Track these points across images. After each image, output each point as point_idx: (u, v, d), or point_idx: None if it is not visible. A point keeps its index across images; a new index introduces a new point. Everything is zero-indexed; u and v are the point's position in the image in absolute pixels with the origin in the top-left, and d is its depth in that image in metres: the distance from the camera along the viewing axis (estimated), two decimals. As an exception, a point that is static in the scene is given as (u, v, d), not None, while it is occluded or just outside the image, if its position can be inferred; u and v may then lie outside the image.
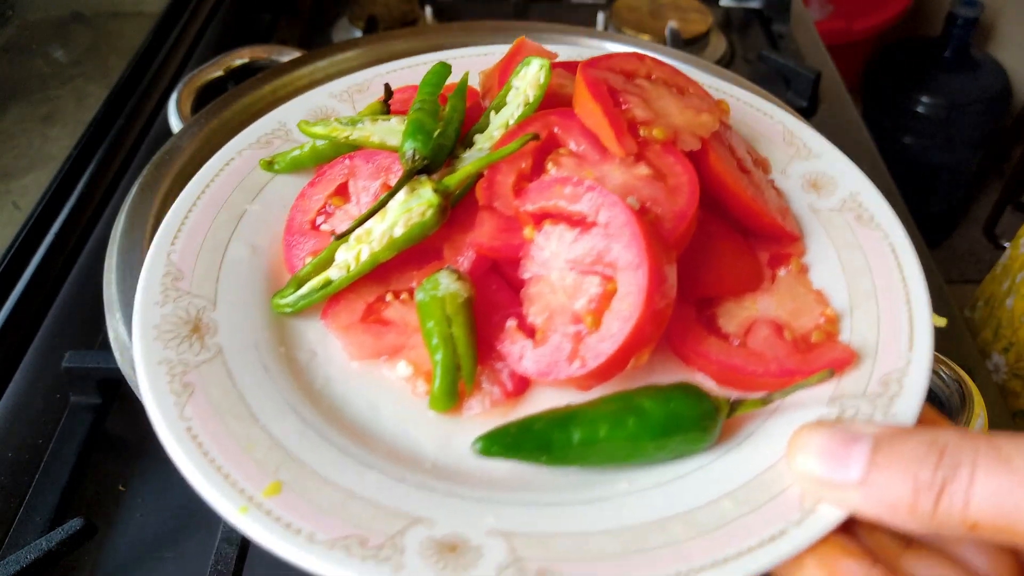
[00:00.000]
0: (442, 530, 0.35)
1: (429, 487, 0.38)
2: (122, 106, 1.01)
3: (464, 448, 0.39)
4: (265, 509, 0.36)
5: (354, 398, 0.43)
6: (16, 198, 0.90)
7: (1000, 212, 2.14)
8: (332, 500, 0.37)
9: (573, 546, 0.34)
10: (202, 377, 0.41)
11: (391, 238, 0.45)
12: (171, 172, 0.65)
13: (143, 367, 0.41)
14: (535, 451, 0.38)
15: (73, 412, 0.69)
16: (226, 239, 0.48)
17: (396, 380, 0.44)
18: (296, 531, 0.35)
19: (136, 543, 0.62)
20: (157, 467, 0.67)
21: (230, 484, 0.37)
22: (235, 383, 0.41)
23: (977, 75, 2.08)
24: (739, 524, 0.34)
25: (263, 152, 0.54)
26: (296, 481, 0.37)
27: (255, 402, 0.41)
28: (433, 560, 0.34)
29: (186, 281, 0.45)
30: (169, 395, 0.40)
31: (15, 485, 0.65)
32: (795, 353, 0.44)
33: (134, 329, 0.43)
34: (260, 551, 0.36)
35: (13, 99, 0.99)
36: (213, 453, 0.38)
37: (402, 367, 0.44)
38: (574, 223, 0.43)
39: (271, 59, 0.82)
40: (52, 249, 0.84)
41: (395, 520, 0.36)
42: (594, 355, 0.40)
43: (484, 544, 0.35)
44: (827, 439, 0.33)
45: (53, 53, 1.06)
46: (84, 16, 1.13)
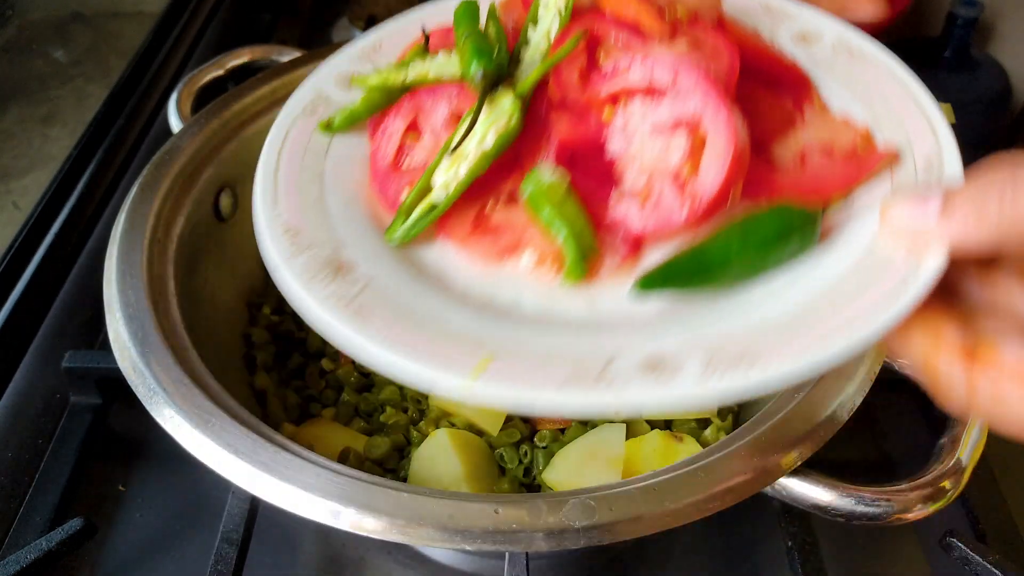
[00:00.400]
0: (639, 355, 0.39)
1: (608, 331, 0.42)
2: (122, 106, 1.01)
3: (610, 306, 0.44)
4: (490, 375, 0.39)
5: (495, 295, 0.46)
6: (16, 198, 0.90)
7: (1000, 212, 2.14)
8: (541, 357, 0.40)
9: (752, 337, 0.39)
10: (369, 301, 0.43)
11: (483, 151, 0.49)
12: (171, 172, 0.65)
13: (316, 306, 0.43)
14: (686, 276, 0.43)
15: (73, 412, 0.69)
16: (320, 195, 0.51)
17: (523, 273, 0.47)
18: (527, 383, 0.38)
19: (136, 543, 0.62)
20: (157, 467, 0.67)
21: (447, 363, 0.39)
22: (399, 298, 0.44)
23: (977, 75, 2.07)
24: (870, 291, 0.39)
25: (312, 120, 0.56)
26: (501, 351, 0.40)
27: (424, 306, 0.44)
28: (644, 377, 0.38)
29: (305, 235, 0.48)
30: (353, 319, 0.42)
31: (15, 485, 0.65)
32: (851, 163, 0.49)
33: (286, 280, 0.44)
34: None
35: (13, 99, 0.99)
36: (420, 349, 0.40)
37: (527, 258, 0.48)
38: (646, 94, 0.48)
39: (271, 59, 0.82)
40: (52, 249, 0.84)
41: (597, 357, 0.39)
42: (702, 193, 0.45)
43: (680, 353, 0.39)
44: (909, 196, 0.38)
45: (53, 53, 1.06)
46: (84, 16, 1.13)
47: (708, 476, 0.47)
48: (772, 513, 0.62)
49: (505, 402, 0.39)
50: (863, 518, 0.48)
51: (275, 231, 0.48)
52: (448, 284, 0.47)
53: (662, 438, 0.61)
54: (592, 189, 0.50)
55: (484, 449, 0.62)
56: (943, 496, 0.49)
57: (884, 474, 0.68)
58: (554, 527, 0.45)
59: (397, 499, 0.46)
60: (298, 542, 0.63)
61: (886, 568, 0.63)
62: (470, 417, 0.63)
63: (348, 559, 0.63)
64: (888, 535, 0.65)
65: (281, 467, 0.47)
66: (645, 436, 0.62)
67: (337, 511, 0.45)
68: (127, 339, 0.54)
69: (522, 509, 0.45)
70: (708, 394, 0.37)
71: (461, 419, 0.64)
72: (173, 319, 0.57)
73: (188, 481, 0.66)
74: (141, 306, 0.56)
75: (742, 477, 0.47)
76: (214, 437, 0.48)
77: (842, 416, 0.51)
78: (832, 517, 0.49)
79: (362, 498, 0.46)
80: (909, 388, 0.59)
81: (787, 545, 0.59)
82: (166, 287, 0.59)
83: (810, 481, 0.49)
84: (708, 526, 0.65)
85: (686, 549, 0.64)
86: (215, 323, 0.67)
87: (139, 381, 0.52)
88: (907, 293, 0.38)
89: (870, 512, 0.48)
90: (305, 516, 0.46)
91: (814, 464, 0.50)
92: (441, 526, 0.45)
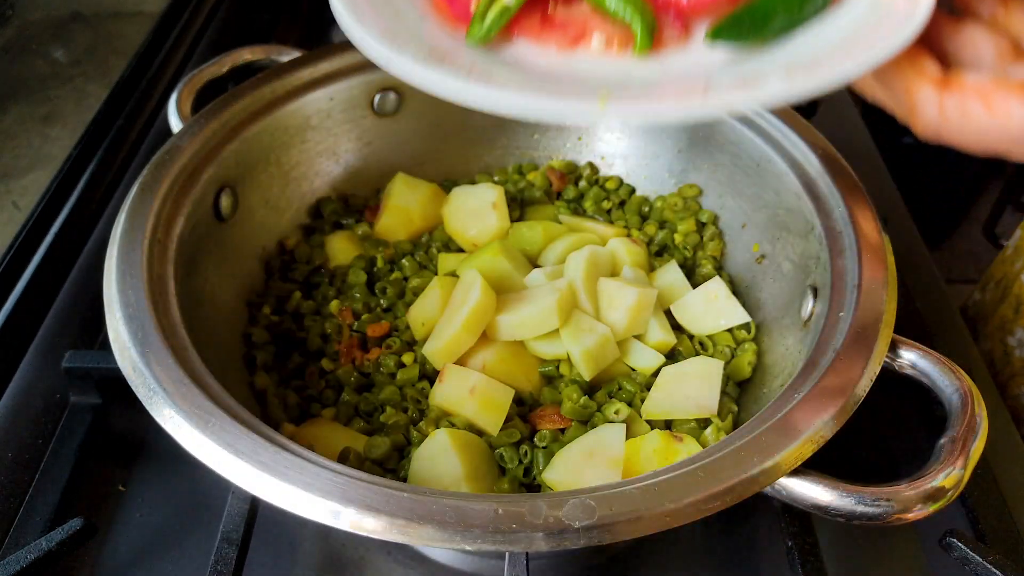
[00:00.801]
0: (730, 77, 0.47)
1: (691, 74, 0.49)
2: (122, 106, 1.01)
3: (680, 67, 0.50)
4: (614, 101, 0.44)
5: (575, 71, 0.51)
6: (16, 198, 0.90)
7: (1000, 212, 2.13)
8: (651, 85, 0.48)
9: (814, 54, 0.46)
10: (484, 71, 0.48)
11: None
12: (171, 172, 0.65)
13: (442, 77, 0.47)
14: (742, 28, 0.49)
15: (73, 412, 0.69)
16: (396, 13, 0.54)
17: (596, 53, 0.51)
18: (648, 100, 0.45)
19: (136, 543, 0.62)
20: (157, 467, 0.67)
21: (578, 98, 0.45)
22: (506, 72, 0.50)
23: (977, 75, 2.07)
24: (882, 26, 0.45)
25: None
26: (615, 87, 0.46)
27: (526, 77, 0.49)
28: (740, 88, 0.45)
29: (400, 39, 0.51)
30: (481, 81, 0.46)
31: (15, 485, 0.65)
32: None
33: (403, 64, 0.47)
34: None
35: (13, 99, 0.99)
36: (549, 91, 0.46)
37: (596, 40, 0.52)
38: None
39: (271, 59, 0.82)
40: (52, 249, 0.84)
41: (697, 81, 0.47)
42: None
43: (762, 71, 0.46)
44: None
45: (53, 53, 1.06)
46: (84, 16, 1.13)
47: (708, 476, 0.47)
48: (772, 513, 0.63)
49: (634, 116, 0.49)
50: (863, 518, 0.48)
51: (373, 35, 0.50)
52: (531, 71, 0.52)
53: (662, 438, 0.61)
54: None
55: (484, 449, 0.62)
56: (943, 496, 0.49)
57: (884, 474, 0.68)
58: (554, 527, 0.45)
59: (397, 499, 0.46)
60: (298, 542, 0.63)
61: (886, 568, 0.63)
62: (470, 417, 0.63)
63: (348, 559, 0.63)
64: (888, 535, 0.65)
65: (281, 467, 0.47)
66: (645, 436, 0.62)
67: (337, 511, 0.45)
68: (127, 339, 0.54)
69: (522, 509, 0.45)
70: (795, 89, 0.44)
71: (461, 419, 0.64)
72: (173, 319, 0.57)
73: (188, 481, 0.66)
74: (141, 306, 0.56)
75: (742, 477, 0.47)
76: (214, 437, 0.48)
77: (842, 416, 0.51)
78: (832, 517, 0.49)
79: (362, 498, 0.46)
80: (909, 388, 0.59)
81: (787, 545, 0.59)
82: (166, 287, 0.59)
83: (810, 481, 0.49)
84: (708, 526, 0.65)
85: (686, 549, 0.64)
86: (215, 323, 0.67)
87: (139, 381, 0.52)
88: (911, 23, 0.44)
89: (870, 512, 0.48)
90: (305, 516, 0.46)
91: (814, 464, 0.50)
92: (441, 526, 0.45)
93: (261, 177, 0.76)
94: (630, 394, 0.66)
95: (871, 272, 0.59)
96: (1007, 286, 0.97)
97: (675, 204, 0.81)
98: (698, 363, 0.68)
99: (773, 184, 0.72)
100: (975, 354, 0.80)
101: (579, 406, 0.64)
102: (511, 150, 0.89)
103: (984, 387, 0.75)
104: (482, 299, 0.66)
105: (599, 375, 0.67)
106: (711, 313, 0.72)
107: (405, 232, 0.80)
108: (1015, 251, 0.99)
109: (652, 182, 0.86)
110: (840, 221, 0.64)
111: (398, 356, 0.69)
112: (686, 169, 0.83)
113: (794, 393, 0.53)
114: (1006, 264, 1.00)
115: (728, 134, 0.77)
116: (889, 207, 0.94)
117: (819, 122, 1.04)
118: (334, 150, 0.82)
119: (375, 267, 0.77)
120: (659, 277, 0.75)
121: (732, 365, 0.70)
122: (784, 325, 0.69)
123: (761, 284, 0.75)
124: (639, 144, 0.86)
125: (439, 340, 0.67)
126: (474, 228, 0.78)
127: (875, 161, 1.01)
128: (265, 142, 0.75)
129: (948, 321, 0.82)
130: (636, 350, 0.69)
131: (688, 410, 0.64)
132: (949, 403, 0.55)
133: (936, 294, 0.84)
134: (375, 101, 0.82)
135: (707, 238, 0.79)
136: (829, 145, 0.70)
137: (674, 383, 0.66)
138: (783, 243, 0.72)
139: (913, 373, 0.57)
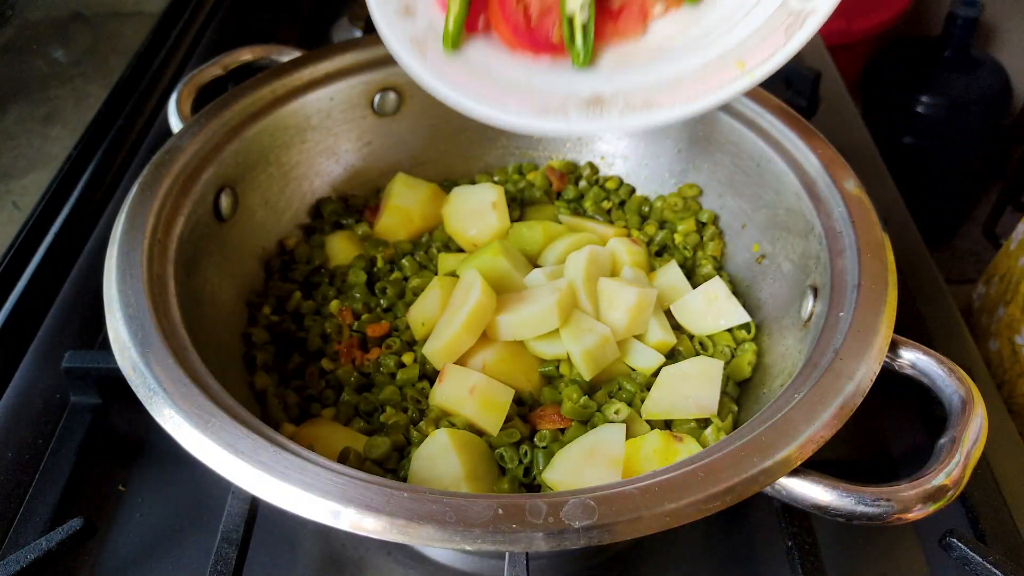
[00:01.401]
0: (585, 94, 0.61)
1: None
2: (122, 106, 1.02)
3: None
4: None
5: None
6: (16, 198, 0.90)
7: (1000, 212, 2.14)
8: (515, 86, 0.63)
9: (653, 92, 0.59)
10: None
11: None
12: (171, 172, 0.65)
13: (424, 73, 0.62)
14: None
15: (73, 412, 0.69)
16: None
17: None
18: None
19: (136, 543, 0.62)
20: (157, 467, 0.67)
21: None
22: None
23: (977, 75, 2.07)
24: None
25: None
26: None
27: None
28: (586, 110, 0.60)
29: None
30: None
31: (15, 485, 0.65)
32: None
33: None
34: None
35: (13, 99, 0.99)
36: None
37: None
38: None
39: (271, 59, 0.82)
40: (52, 249, 0.84)
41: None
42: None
43: (612, 97, 0.61)
44: None
45: (53, 53, 1.06)
46: (84, 16, 1.13)
47: (708, 476, 0.47)
48: (772, 513, 0.62)
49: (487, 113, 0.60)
50: (863, 518, 0.48)
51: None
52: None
53: (662, 438, 0.61)
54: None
55: (484, 449, 0.62)
56: (943, 496, 0.49)
57: (884, 474, 0.68)
58: (554, 527, 0.45)
59: (397, 499, 0.46)
60: (298, 542, 0.63)
61: (886, 568, 0.63)
62: (470, 417, 0.63)
63: (348, 559, 0.63)
64: (888, 535, 0.65)
65: (281, 467, 0.47)
66: (645, 436, 0.62)
67: (337, 511, 0.45)
68: (127, 339, 0.54)
69: (522, 509, 0.45)
70: (625, 125, 0.59)
71: (461, 419, 0.64)
72: (173, 319, 0.57)
73: (188, 481, 0.66)
74: (141, 306, 0.56)
75: (742, 477, 0.47)
76: (214, 437, 0.48)
77: (842, 416, 0.51)
78: (832, 517, 0.49)
79: (362, 498, 0.46)
80: (909, 388, 0.59)
81: (787, 545, 0.59)
82: (166, 287, 0.59)
83: (810, 481, 0.49)
84: (708, 526, 0.65)
85: (686, 549, 0.64)
86: (215, 323, 0.67)
87: (139, 381, 0.52)
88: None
89: (870, 512, 0.48)
90: (305, 516, 0.46)
91: (814, 464, 0.50)
92: (441, 526, 0.45)
93: (261, 177, 0.76)
94: (630, 394, 0.66)
95: (871, 272, 0.59)
96: (1012, 282, 0.97)
97: (675, 204, 0.81)
98: (698, 363, 0.68)
99: (773, 184, 0.72)
100: (975, 354, 0.80)
101: (579, 406, 0.64)
102: (511, 150, 0.89)
103: (984, 387, 0.75)
104: (482, 299, 0.66)
105: (599, 375, 0.67)
106: (711, 313, 0.72)
107: (405, 232, 0.80)
108: (1019, 246, 0.99)
109: (652, 182, 0.86)
110: (840, 221, 0.64)
111: (398, 356, 0.69)
112: (686, 169, 0.83)
113: (794, 393, 0.53)
114: (1010, 259, 1.00)
115: (728, 134, 0.77)
116: (889, 207, 0.94)
117: (819, 122, 1.04)
118: (334, 150, 0.82)
119: (375, 267, 0.77)
120: (659, 277, 0.75)
121: (732, 365, 0.70)
122: (784, 325, 0.69)
123: (761, 284, 0.75)
124: (639, 144, 0.86)
125: (439, 340, 0.67)
126: (474, 228, 0.78)
127: (875, 161, 1.01)
128: (265, 142, 0.75)
129: (948, 321, 0.82)
130: (636, 350, 0.69)
131: (688, 410, 0.64)
132: (949, 403, 0.55)
133: (936, 294, 0.84)
134: (375, 101, 0.82)
135: (707, 238, 0.79)
136: (829, 145, 0.70)
137: (674, 383, 0.66)
138: (783, 243, 0.72)
139: (913, 373, 0.57)
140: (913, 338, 0.58)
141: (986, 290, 1.03)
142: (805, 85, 1.04)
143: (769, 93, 0.74)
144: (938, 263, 0.88)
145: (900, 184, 0.97)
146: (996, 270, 1.03)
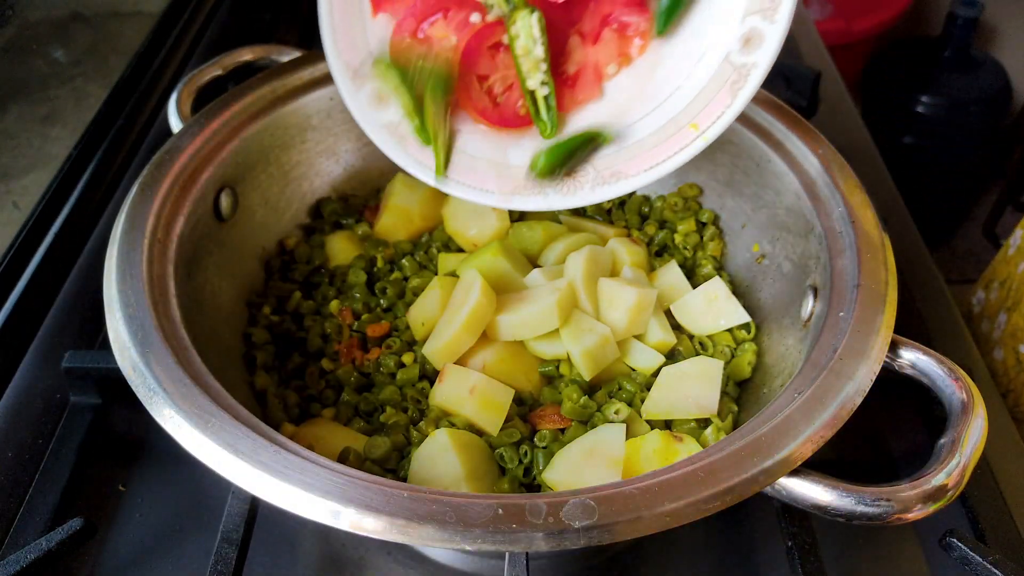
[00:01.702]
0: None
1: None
2: (122, 106, 1.02)
3: None
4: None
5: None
6: (16, 198, 0.90)
7: (1000, 212, 2.14)
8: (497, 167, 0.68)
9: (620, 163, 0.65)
10: None
11: None
12: (171, 172, 0.65)
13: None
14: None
15: (73, 412, 0.69)
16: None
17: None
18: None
19: (136, 543, 0.62)
20: (157, 467, 0.67)
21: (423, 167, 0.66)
22: None
23: (977, 75, 2.07)
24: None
25: None
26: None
27: None
28: (560, 184, 0.66)
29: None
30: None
31: (15, 485, 0.65)
32: None
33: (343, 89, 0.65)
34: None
35: (13, 99, 0.99)
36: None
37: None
38: None
39: (271, 59, 0.82)
40: (52, 249, 0.84)
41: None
42: None
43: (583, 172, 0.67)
44: None
45: (53, 53, 1.06)
46: (84, 16, 1.13)
47: (708, 476, 0.47)
48: (772, 513, 0.62)
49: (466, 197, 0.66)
50: (863, 518, 0.48)
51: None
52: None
53: (662, 438, 0.61)
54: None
55: (484, 449, 0.62)
56: (943, 496, 0.49)
57: (884, 474, 0.68)
58: (554, 527, 0.45)
59: (397, 499, 0.46)
60: (298, 542, 0.63)
61: (886, 568, 0.63)
62: (470, 417, 0.63)
63: (348, 559, 0.63)
64: (888, 535, 0.65)
65: (281, 467, 0.47)
66: (645, 436, 0.62)
67: (337, 511, 0.45)
68: (127, 339, 0.54)
69: (522, 509, 0.45)
70: (598, 198, 0.64)
71: (461, 419, 0.64)
72: (173, 319, 0.57)
73: (188, 481, 0.66)
74: (141, 306, 0.56)
75: (742, 477, 0.47)
76: (214, 437, 0.48)
77: (842, 416, 0.51)
78: (832, 517, 0.49)
79: (362, 498, 0.46)
80: (909, 388, 0.59)
81: (787, 545, 0.59)
82: (166, 287, 0.59)
83: (810, 481, 0.49)
84: (708, 526, 0.65)
85: (686, 549, 0.64)
86: (215, 323, 0.67)
87: (139, 381, 0.52)
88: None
89: (870, 512, 0.48)
90: (305, 516, 0.46)
91: (814, 464, 0.50)
92: (441, 526, 0.45)
93: (261, 177, 0.76)
94: (630, 394, 0.66)
95: (871, 272, 0.59)
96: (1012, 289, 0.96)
97: (675, 204, 0.81)
98: (698, 363, 0.68)
99: (773, 184, 0.72)
100: (976, 354, 0.80)
101: (579, 406, 0.64)
102: (511, 150, 0.89)
103: (984, 387, 0.74)
104: (482, 299, 0.66)
105: (599, 375, 0.67)
106: (711, 313, 0.72)
107: (405, 232, 0.80)
108: (1018, 251, 0.99)
109: (652, 182, 0.85)
110: (840, 221, 0.64)
111: (398, 356, 0.69)
112: (686, 169, 0.83)
113: (794, 393, 0.53)
114: (1009, 265, 1.00)
115: (728, 134, 0.76)
116: (889, 207, 0.94)
117: (819, 122, 1.04)
118: (334, 150, 0.82)
119: (375, 267, 0.77)
120: (659, 277, 0.75)
121: (732, 365, 0.70)
122: (784, 325, 0.69)
123: (761, 284, 0.75)
124: (639, 144, 0.86)
125: (439, 340, 0.67)
126: (474, 228, 0.78)
127: (875, 161, 1.01)
128: (265, 142, 0.75)
129: (948, 321, 0.82)
130: (636, 350, 0.69)
131: (688, 410, 0.64)
132: (949, 403, 0.55)
133: (936, 294, 0.84)
134: (375, 101, 0.82)
135: (707, 238, 0.79)
136: (829, 145, 0.70)
137: (674, 383, 0.66)
138: (783, 243, 0.72)
139: (913, 373, 0.57)
140: (913, 338, 0.58)
141: (986, 296, 1.03)
142: (805, 85, 1.04)
143: (769, 93, 0.74)
144: (938, 263, 0.88)
145: (900, 184, 0.97)
146: (995, 275, 1.02)
